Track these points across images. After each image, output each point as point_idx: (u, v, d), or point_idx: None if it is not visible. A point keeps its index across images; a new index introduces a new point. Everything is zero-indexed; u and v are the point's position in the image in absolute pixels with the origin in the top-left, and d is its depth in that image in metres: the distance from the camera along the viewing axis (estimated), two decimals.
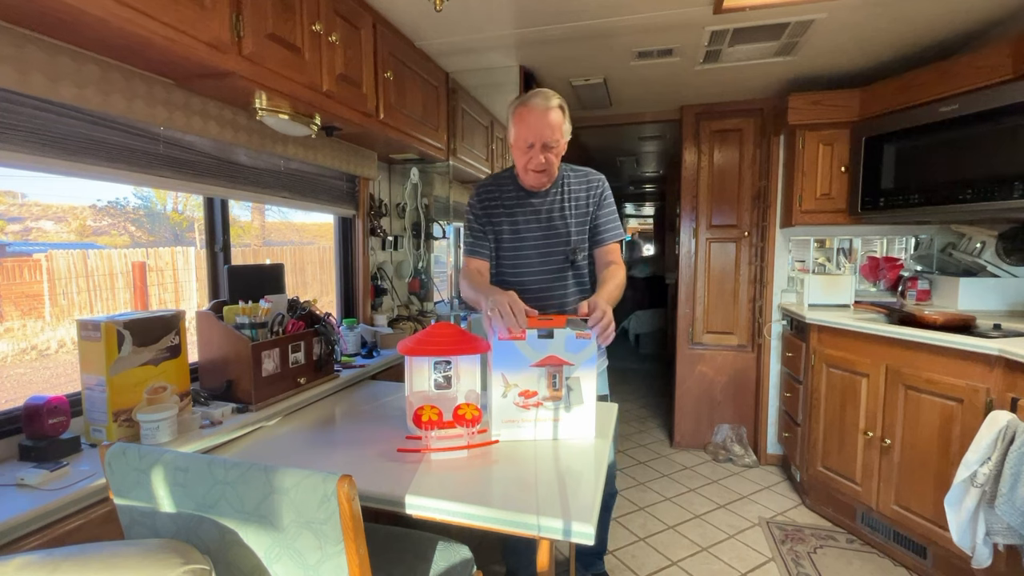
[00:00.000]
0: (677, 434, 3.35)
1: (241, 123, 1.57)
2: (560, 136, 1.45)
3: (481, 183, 1.67)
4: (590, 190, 1.58)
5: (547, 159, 1.46)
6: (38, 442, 1.07)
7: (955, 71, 2.03)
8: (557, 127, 1.44)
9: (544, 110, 1.43)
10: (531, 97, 1.46)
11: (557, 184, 1.58)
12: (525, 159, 1.48)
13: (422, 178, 2.66)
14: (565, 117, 1.47)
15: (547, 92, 1.46)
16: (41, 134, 1.15)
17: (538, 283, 1.60)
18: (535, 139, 1.43)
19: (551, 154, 1.46)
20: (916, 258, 2.75)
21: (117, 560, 0.66)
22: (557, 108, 1.44)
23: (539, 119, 1.43)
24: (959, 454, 1.69)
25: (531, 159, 1.46)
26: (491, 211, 1.61)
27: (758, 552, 2.17)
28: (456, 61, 2.35)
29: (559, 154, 1.49)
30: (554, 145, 1.45)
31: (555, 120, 1.44)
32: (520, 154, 1.49)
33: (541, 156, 1.45)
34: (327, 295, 2.40)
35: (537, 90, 1.47)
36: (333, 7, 1.60)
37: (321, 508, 0.74)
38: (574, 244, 1.57)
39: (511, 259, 1.62)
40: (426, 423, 1.14)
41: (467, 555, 1.20)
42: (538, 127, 1.43)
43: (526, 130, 1.44)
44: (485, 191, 1.63)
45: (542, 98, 1.44)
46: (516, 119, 1.47)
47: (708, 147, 3.18)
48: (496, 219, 1.60)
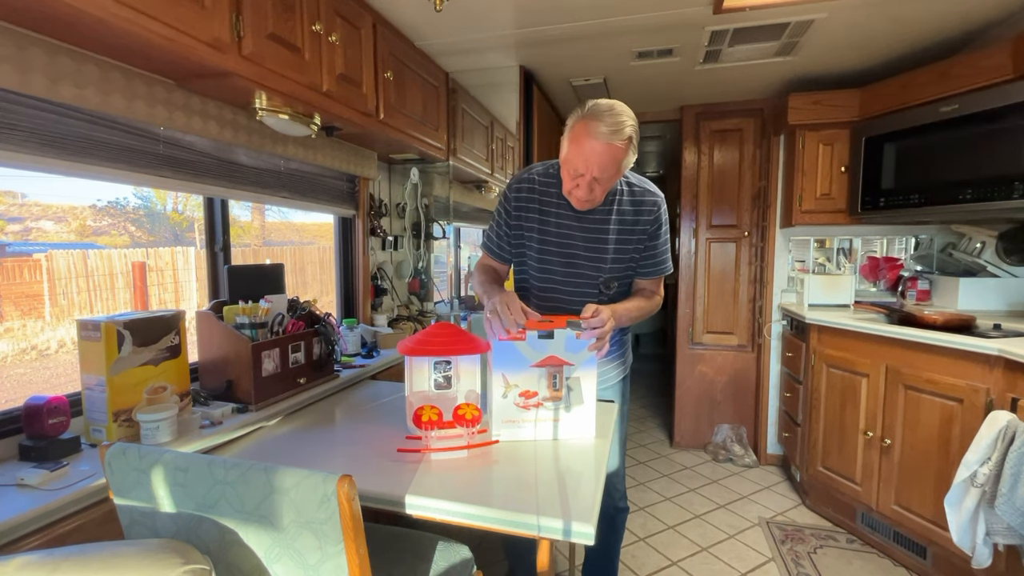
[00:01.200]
0: (677, 434, 3.35)
1: (241, 123, 1.57)
2: (616, 173, 1.25)
3: (522, 174, 1.44)
4: (640, 214, 1.37)
5: (595, 192, 1.27)
6: (38, 442, 1.07)
7: (955, 71, 2.03)
8: (615, 164, 1.22)
9: (607, 144, 1.19)
10: (598, 121, 1.19)
11: (607, 202, 1.37)
12: (571, 184, 1.28)
13: (422, 178, 2.66)
14: (631, 149, 1.24)
15: (619, 118, 1.20)
16: (41, 134, 1.15)
17: (563, 301, 1.44)
18: (586, 170, 1.23)
19: (599, 187, 1.27)
20: (916, 258, 2.75)
21: (117, 560, 0.66)
22: (625, 142, 1.21)
23: (597, 153, 1.20)
24: (959, 454, 1.69)
25: (576, 187, 1.27)
26: (523, 212, 1.42)
27: (758, 552, 2.17)
28: (456, 61, 2.35)
29: (609, 186, 1.29)
30: (606, 182, 1.26)
31: (615, 157, 1.21)
32: (567, 176, 1.29)
33: (587, 188, 1.26)
34: (327, 295, 2.40)
35: (610, 109, 1.21)
36: (333, 7, 1.60)
37: (321, 508, 0.74)
38: (608, 274, 1.39)
39: (538, 269, 1.45)
40: (426, 423, 1.14)
41: (467, 555, 1.20)
42: (593, 160, 1.21)
43: (578, 157, 1.22)
44: (525, 188, 1.41)
45: (611, 128, 1.19)
46: (572, 138, 1.24)
47: (708, 147, 3.18)
48: (527, 222, 1.42)
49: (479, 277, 1.44)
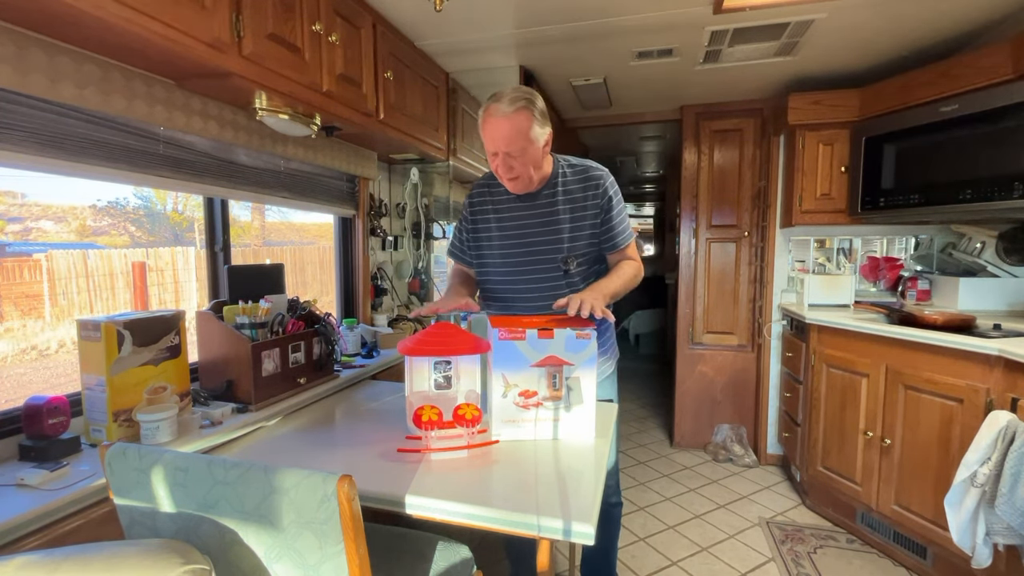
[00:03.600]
0: (677, 434, 3.35)
1: (241, 123, 1.57)
2: (526, 143, 1.30)
3: (477, 182, 1.57)
4: (588, 189, 1.43)
5: (513, 167, 1.34)
6: (38, 442, 1.07)
7: (955, 71, 2.03)
8: (520, 134, 1.29)
9: (502, 117, 1.28)
10: (494, 101, 1.31)
11: (551, 185, 1.44)
12: (493, 166, 1.39)
13: (422, 178, 2.66)
14: (534, 119, 1.30)
15: (513, 93, 1.31)
16: (41, 134, 1.15)
17: (528, 293, 1.48)
18: (496, 148, 1.32)
19: (516, 162, 1.33)
20: (916, 258, 2.75)
21: (117, 560, 0.66)
22: (520, 111, 1.28)
23: (496, 128, 1.30)
24: (959, 454, 1.69)
25: (497, 167, 1.37)
26: (479, 215, 1.52)
27: (758, 552, 2.17)
28: (456, 61, 2.35)
29: (533, 159, 1.35)
30: (519, 154, 1.32)
31: (517, 127, 1.29)
32: (490, 160, 1.39)
33: (505, 166, 1.34)
34: (327, 295, 2.40)
35: (504, 91, 1.32)
36: (333, 7, 1.60)
37: (321, 508, 0.74)
38: (567, 252, 1.43)
39: (499, 267, 1.51)
40: (426, 423, 1.14)
41: (467, 555, 1.20)
42: (496, 136, 1.30)
43: (488, 139, 1.33)
44: (477, 192, 1.54)
45: (505, 102, 1.29)
46: (481, 126, 1.35)
47: (708, 147, 3.18)
48: (484, 223, 1.51)
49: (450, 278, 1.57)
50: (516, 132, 1.29)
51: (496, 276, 1.53)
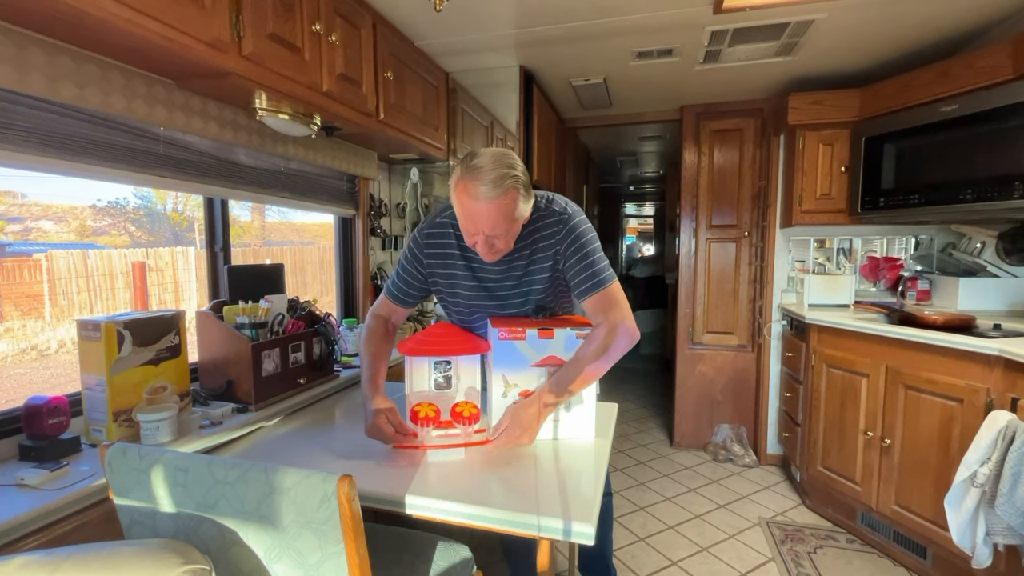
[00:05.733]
0: (677, 434, 3.35)
1: (241, 123, 1.57)
2: (511, 224, 1.17)
3: (435, 218, 1.35)
4: (549, 246, 1.27)
5: (495, 244, 1.20)
6: (38, 442, 1.07)
7: (955, 71, 2.03)
8: (505, 217, 1.14)
9: (487, 202, 1.11)
10: (476, 181, 1.11)
11: (523, 237, 1.27)
12: (470, 241, 1.21)
13: (422, 178, 2.66)
14: (520, 196, 1.15)
15: (494, 170, 1.12)
16: (41, 134, 1.15)
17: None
18: (476, 231, 1.17)
19: (500, 241, 1.19)
20: (916, 258, 2.75)
21: (117, 560, 0.66)
22: (508, 195, 1.12)
23: (482, 214, 1.13)
24: (959, 454, 1.69)
25: (475, 245, 1.21)
26: (440, 259, 1.35)
27: (758, 552, 2.17)
28: (456, 61, 2.35)
29: (515, 234, 1.21)
30: (503, 234, 1.17)
31: (503, 211, 1.13)
32: (464, 234, 1.22)
33: (486, 245, 1.19)
34: (327, 295, 2.40)
35: (483, 162, 1.13)
36: (333, 7, 1.60)
37: (321, 508, 0.74)
38: (537, 304, 1.33)
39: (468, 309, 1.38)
40: (423, 419, 1.14)
41: (467, 555, 1.20)
42: (481, 221, 1.14)
43: (466, 218, 1.17)
44: (439, 233, 1.33)
45: (488, 184, 1.11)
46: (456, 197, 1.17)
47: (708, 147, 3.18)
48: (448, 269, 1.35)
49: (366, 344, 1.35)
50: (501, 216, 1.14)
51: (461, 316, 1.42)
